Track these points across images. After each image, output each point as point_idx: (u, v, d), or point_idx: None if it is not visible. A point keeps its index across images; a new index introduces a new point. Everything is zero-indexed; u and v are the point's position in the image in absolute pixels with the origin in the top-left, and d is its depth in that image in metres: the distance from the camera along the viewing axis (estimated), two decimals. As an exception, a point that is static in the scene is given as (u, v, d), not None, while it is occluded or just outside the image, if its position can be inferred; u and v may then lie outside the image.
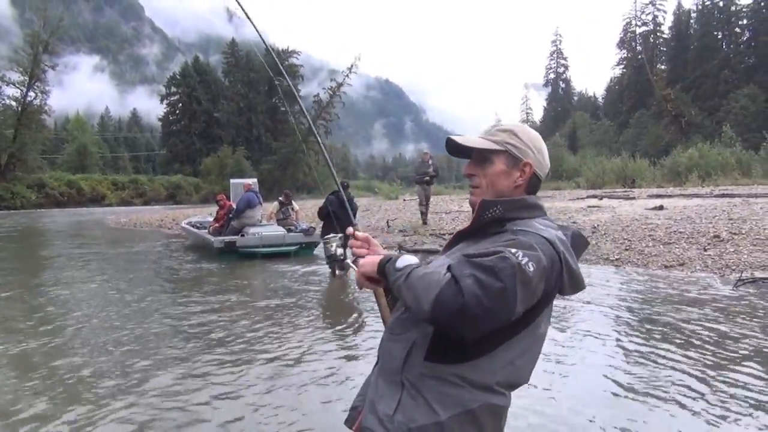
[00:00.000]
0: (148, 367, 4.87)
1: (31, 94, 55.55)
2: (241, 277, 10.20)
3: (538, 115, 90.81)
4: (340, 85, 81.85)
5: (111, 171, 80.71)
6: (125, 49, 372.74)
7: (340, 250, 1.87)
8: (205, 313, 7.04)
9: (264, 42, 3.07)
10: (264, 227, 12.67)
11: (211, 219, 15.52)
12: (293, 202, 14.94)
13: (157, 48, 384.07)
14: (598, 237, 11.57)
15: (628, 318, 6.24)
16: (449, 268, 1.30)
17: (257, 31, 3.02)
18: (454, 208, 20.30)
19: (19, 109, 54.96)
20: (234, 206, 13.28)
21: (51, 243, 18.72)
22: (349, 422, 1.63)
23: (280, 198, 14.82)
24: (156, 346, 5.55)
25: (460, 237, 1.58)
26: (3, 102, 55.50)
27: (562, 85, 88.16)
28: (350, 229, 1.81)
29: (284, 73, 3.31)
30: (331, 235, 1.88)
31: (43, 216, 38.83)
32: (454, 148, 1.63)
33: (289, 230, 13.04)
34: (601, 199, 20.08)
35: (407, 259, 1.44)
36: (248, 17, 3.09)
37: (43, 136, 60.39)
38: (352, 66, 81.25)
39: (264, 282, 9.70)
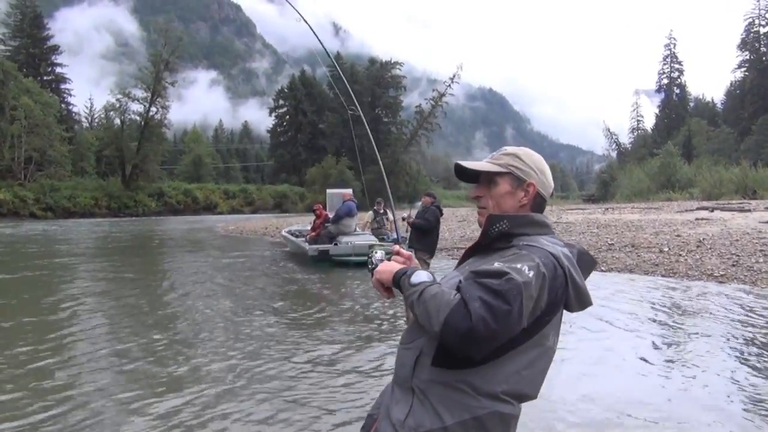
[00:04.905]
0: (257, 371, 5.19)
1: (153, 109, 59.91)
2: (334, 285, 10.49)
3: (649, 122, 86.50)
4: (442, 95, 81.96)
5: (223, 181, 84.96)
6: (238, 64, 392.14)
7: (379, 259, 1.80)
8: (294, 326, 7.33)
9: (323, 47, 3.18)
10: (356, 236, 12.99)
11: (309, 228, 16.06)
12: (388, 211, 15.13)
13: (266, 62, 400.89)
14: (703, 251, 10.94)
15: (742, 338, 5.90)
16: (459, 289, 1.38)
17: (320, 41, 3.17)
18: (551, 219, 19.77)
19: (142, 123, 59.41)
20: (330, 216, 13.75)
21: (170, 250, 20.10)
22: (364, 429, 1.73)
23: (375, 207, 15.06)
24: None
25: (471, 252, 1.67)
26: (129, 117, 60.37)
27: (677, 91, 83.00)
28: (396, 247, 1.80)
29: (343, 95, 3.45)
30: (377, 244, 1.94)
31: (161, 222, 41.67)
32: (462, 173, 1.74)
33: (381, 239, 13.24)
34: (711, 211, 18.90)
35: (421, 275, 1.51)
36: (309, 25, 3.26)
37: (162, 148, 64.95)
38: (454, 76, 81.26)
39: (354, 290, 9.93)
